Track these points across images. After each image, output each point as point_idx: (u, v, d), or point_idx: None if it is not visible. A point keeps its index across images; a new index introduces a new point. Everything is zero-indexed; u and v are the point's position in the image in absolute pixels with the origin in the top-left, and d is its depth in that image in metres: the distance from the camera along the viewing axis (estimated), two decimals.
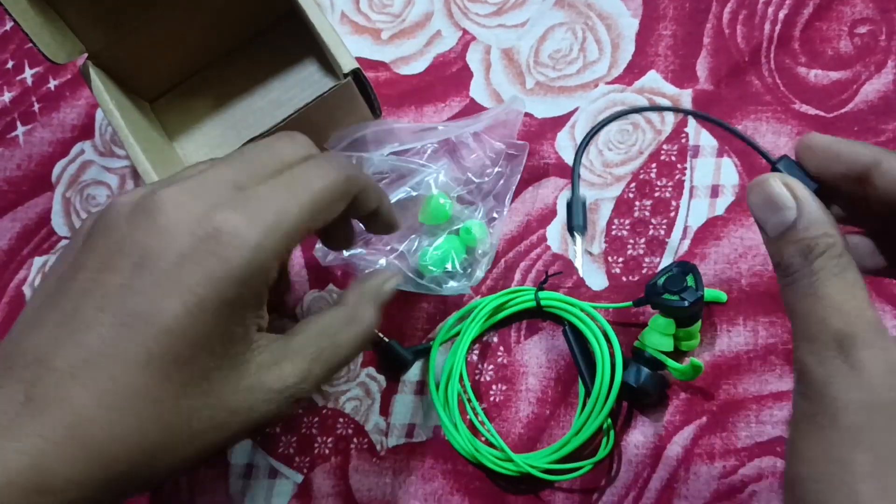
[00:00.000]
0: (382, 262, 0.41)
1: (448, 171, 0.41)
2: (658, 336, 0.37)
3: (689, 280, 0.36)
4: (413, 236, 0.41)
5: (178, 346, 0.26)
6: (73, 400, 0.25)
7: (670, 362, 0.36)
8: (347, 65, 0.37)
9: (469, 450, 0.38)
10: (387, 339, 0.41)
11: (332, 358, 0.30)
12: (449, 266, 0.40)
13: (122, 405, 0.25)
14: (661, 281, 0.36)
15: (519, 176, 0.42)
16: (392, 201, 0.40)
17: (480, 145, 0.41)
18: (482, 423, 0.39)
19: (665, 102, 0.42)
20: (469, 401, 0.39)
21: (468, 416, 0.39)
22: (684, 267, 0.36)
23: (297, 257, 0.43)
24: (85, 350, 0.25)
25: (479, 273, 0.41)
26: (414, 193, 0.41)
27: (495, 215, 0.41)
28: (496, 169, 0.41)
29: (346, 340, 0.30)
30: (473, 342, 0.41)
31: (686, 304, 0.35)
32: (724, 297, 0.39)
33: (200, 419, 0.27)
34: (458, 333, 0.40)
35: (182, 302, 0.26)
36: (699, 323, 0.37)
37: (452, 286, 0.40)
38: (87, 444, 0.25)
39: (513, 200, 0.42)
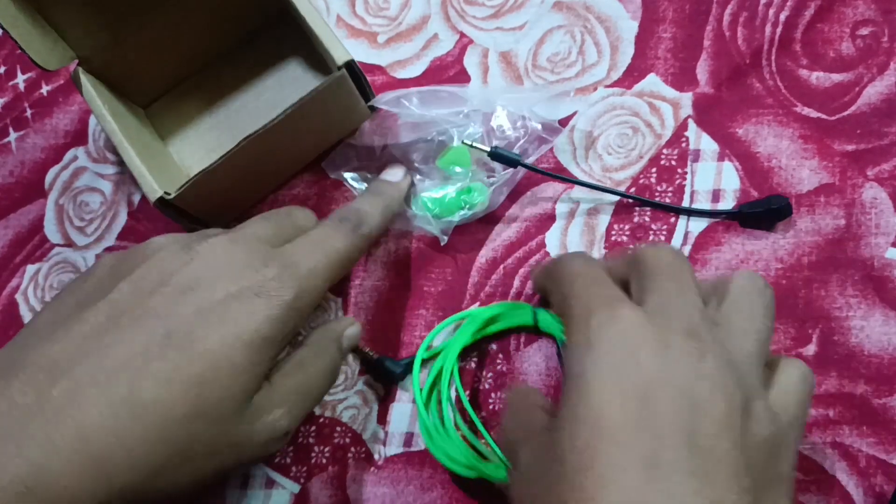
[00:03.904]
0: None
1: (478, 135, 0.41)
2: None
3: None
4: (418, 177, 0.42)
5: (206, 369, 0.27)
6: (87, 408, 0.25)
7: None
8: (341, 57, 0.37)
9: (466, 461, 0.38)
10: (375, 356, 0.40)
11: (306, 390, 0.32)
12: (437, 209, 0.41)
13: (134, 416, 0.26)
14: None
15: (539, 155, 0.41)
16: (417, 138, 0.41)
17: (517, 119, 0.41)
18: (481, 438, 0.38)
19: (665, 106, 0.42)
20: (456, 424, 0.38)
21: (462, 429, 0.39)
22: None
23: None
24: (112, 360, 0.26)
25: (454, 219, 0.41)
26: (441, 138, 0.41)
27: (504, 189, 0.41)
28: (522, 144, 0.41)
29: (315, 374, 0.32)
30: (468, 351, 0.40)
31: None
32: None
33: (203, 444, 0.27)
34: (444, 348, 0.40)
35: (221, 331, 0.28)
36: None
37: (426, 221, 0.41)
38: (92, 452, 0.25)
39: (518, 196, 0.42)
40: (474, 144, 0.40)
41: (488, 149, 0.40)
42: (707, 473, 0.23)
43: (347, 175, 0.43)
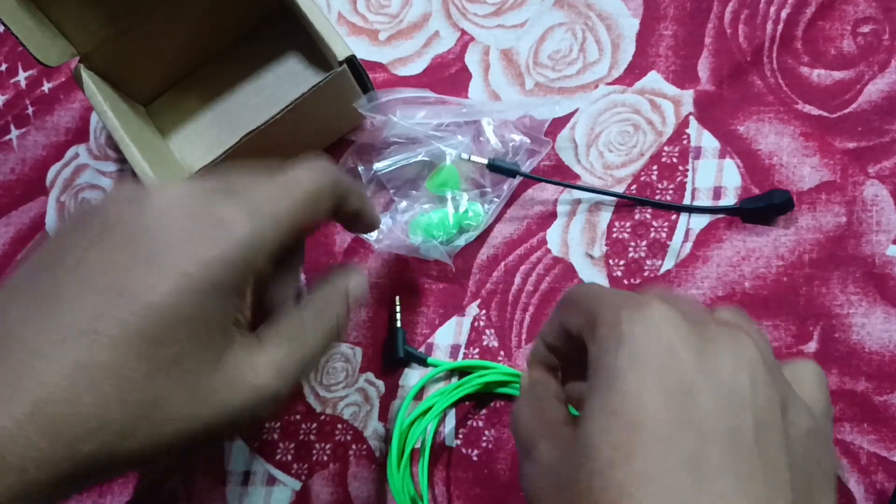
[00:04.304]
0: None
1: (467, 149, 0.41)
2: None
3: None
4: (407, 201, 0.41)
5: (158, 325, 0.25)
6: (41, 376, 0.24)
7: None
8: (342, 52, 0.37)
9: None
10: (399, 323, 0.41)
11: (302, 354, 0.30)
12: (438, 234, 0.41)
13: (89, 382, 0.25)
14: None
15: (531, 169, 0.41)
16: (405, 162, 0.41)
17: (504, 133, 0.41)
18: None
19: (666, 103, 0.42)
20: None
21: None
22: None
23: None
24: (60, 325, 0.25)
25: (460, 242, 0.41)
26: (426, 159, 0.41)
27: (496, 199, 0.41)
28: (511, 157, 0.41)
29: (313, 336, 0.30)
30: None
31: None
32: None
33: (171, 404, 0.26)
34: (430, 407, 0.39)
35: (170, 280, 0.26)
36: None
37: (433, 249, 0.40)
38: (50, 421, 0.24)
39: (514, 201, 0.42)
40: (472, 158, 0.40)
41: (486, 161, 0.40)
42: (752, 474, 0.22)
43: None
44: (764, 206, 0.39)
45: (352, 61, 0.37)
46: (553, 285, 0.40)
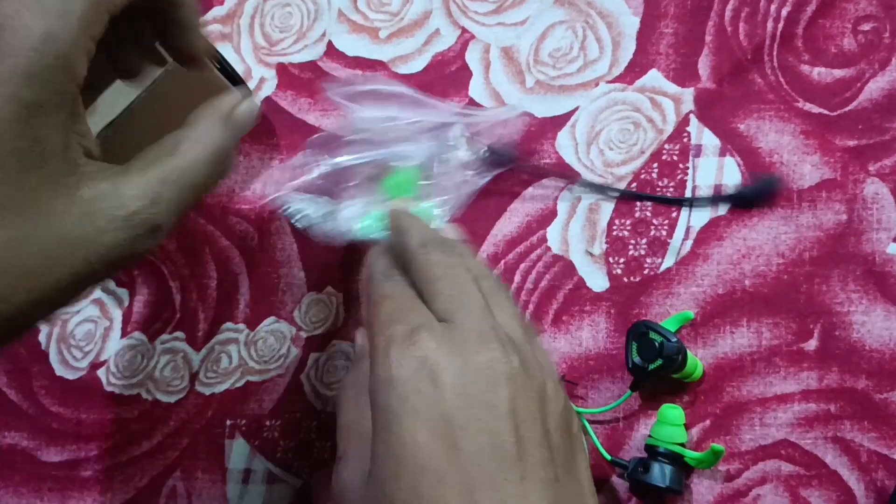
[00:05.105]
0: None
1: (426, 154, 0.40)
2: (670, 428, 0.36)
3: (653, 336, 0.36)
4: (356, 201, 0.39)
5: None
6: None
7: (688, 453, 0.35)
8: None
9: None
10: None
11: (183, 178, 0.27)
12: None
13: None
14: (636, 358, 0.36)
15: (484, 182, 0.41)
16: (360, 161, 0.39)
17: (475, 143, 0.41)
18: None
19: (667, 101, 0.42)
20: None
21: None
22: (637, 329, 0.37)
23: (294, 259, 0.43)
24: None
25: None
26: (387, 160, 0.40)
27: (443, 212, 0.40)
28: (469, 173, 0.40)
29: (195, 159, 0.27)
30: None
31: (674, 358, 0.35)
32: (690, 315, 0.39)
33: (32, 254, 0.24)
34: None
35: None
36: (689, 353, 0.37)
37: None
38: None
39: (514, 199, 0.42)
40: (465, 134, 0.40)
41: (484, 147, 0.40)
42: (519, 480, 0.24)
43: (291, 207, 0.40)
44: (764, 184, 0.39)
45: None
46: (553, 283, 0.40)
